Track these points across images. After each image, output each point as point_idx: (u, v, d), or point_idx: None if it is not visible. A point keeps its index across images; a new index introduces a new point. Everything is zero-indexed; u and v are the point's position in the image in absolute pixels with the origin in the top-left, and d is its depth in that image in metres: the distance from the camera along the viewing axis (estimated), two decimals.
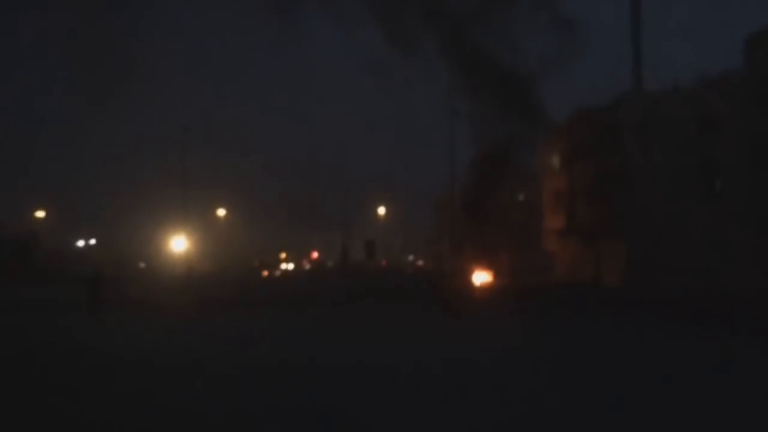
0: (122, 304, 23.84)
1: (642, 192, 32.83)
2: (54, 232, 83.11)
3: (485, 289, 36.13)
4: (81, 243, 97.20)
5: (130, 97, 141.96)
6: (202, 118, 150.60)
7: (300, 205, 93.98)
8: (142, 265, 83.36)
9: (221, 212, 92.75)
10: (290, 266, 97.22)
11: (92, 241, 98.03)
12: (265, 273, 79.92)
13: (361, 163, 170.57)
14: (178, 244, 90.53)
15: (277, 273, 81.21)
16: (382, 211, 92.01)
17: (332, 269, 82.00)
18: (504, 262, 49.50)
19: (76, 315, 20.59)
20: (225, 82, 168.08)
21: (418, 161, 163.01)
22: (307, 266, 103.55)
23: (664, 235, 34.72)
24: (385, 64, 63.67)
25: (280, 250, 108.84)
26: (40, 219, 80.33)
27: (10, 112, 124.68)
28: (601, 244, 43.15)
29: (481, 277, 41.19)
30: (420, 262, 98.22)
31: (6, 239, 62.62)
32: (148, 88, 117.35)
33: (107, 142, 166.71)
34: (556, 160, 51.91)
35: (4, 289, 38.55)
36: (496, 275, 44.19)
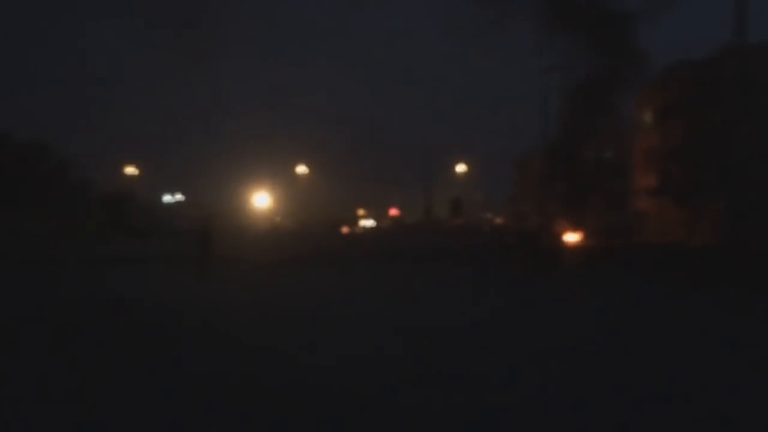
0: (223, 260, 24.92)
1: (743, 149, 31.59)
2: (143, 188, 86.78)
3: (576, 248, 35.77)
4: (168, 198, 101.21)
5: (216, 59, 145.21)
6: (287, 78, 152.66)
7: (381, 163, 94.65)
8: (235, 221, 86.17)
9: (302, 169, 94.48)
10: (370, 222, 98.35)
11: (179, 197, 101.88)
12: (345, 230, 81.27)
13: (445, 124, 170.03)
14: (261, 200, 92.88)
15: (358, 230, 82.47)
16: (462, 168, 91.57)
17: (414, 226, 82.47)
18: (591, 222, 48.69)
19: (187, 270, 21.69)
20: (308, 43, 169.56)
21: (500, 121, 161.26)
22: (387, 223, 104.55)
23: (765, 194, 33.47)
24: (471, 19, 62.36)
25: (359, 207, 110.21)
26: (131, 175, 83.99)
27: (100, 73, 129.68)
28: (696, 205, 41.91)
29: (571, 237, 40.84)
30: (498, 220, 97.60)
31: (101, 195, 65.84)
32: (234, 50, 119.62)
33: (194, 102, 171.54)
34: (649, 116, 50.29)
35: (108, 243, 40.81)
36: (583, 235, 43.68)
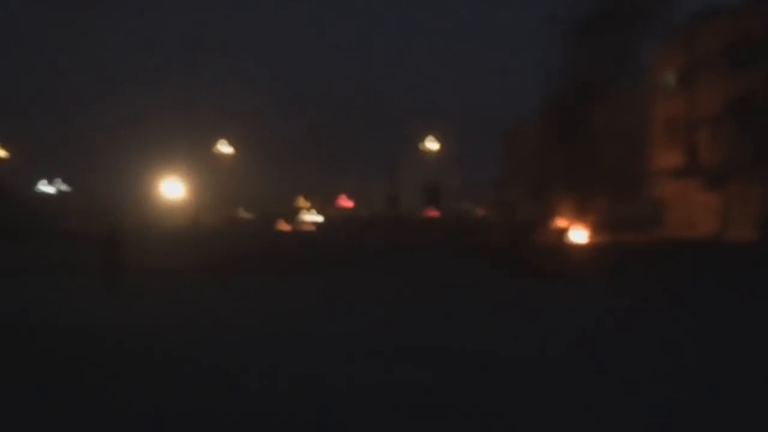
0: (132, 268, 24.98)
1: None
2: (12, 175, 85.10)
3: (583, 250, 36.52)
4: (46, 187, 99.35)
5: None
6: (211, 25, 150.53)
7: (329, 138, 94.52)
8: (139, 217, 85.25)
9: (226, 147, 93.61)
10: (315, 217, 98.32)
11: (61, 186, 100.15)
12: (283, 226, 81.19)
13: (410, 89, 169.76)
14: (173, 189, 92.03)
15: (302, 226, 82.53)
16: (433, 144, 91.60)
17: (374, 221, 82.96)
18: (600, 212, 49.61)
19: (90, 282, 21.72)
20: None
21: (483, 82, 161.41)
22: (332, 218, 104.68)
23: None
24: None
25: (300, 196, 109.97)
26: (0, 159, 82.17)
27: None
28: (732, 188, 43.06)
29: (578, 235, 41.59)
30: (480, 212, 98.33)
31: None
32: None
33: (80, 59, 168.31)
34: (671, 79, 51.40)
35: None
36: (591, 230, 44.64)
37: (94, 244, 22.65)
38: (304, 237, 61.46)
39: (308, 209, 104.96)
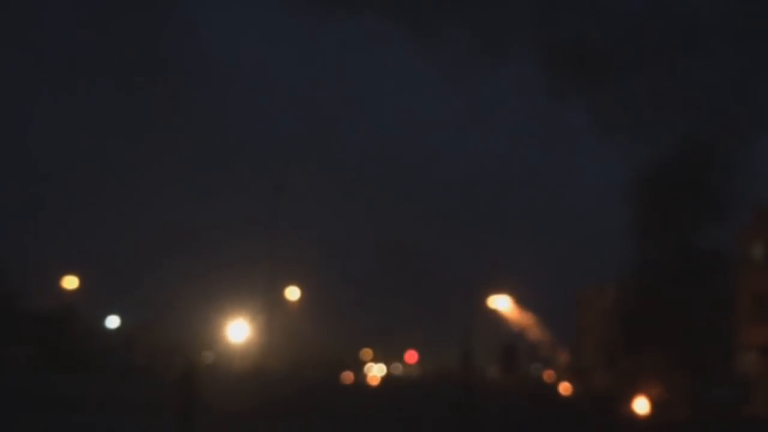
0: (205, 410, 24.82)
1: None
2: (83, 307, 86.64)
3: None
4: (115, 322, 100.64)
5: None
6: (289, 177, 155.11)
7: (396, 288, 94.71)
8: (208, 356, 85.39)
9: (293, 293, 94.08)
10: (381, 372, 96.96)
11: (130, 320, 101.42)
12: (349, 377, 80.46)
13: (481, 246, 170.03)
14: (238, 331, 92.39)
15: (367, 380, 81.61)
16: (503, 303, 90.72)
17: (444, 378, 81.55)
18: (678, 386, 48.08)
19: (165, 421, 21.59)
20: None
21: (553, 243, 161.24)
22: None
23: None
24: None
25: (365, 348, 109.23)
26: (71, 289, 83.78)
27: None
28: None
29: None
30: (550, 376, 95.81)
31: (35, 314, 65.62)
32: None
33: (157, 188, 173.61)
34: (759, 252, 50.71)
35: (49, 379, 40.55)
36: (664, 404, 43.09)
37: (164, 380, 22.65)
38: (369, 392, 60.61)
39: (373, 362, 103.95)
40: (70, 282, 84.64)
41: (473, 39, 36.68)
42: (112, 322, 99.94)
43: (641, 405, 43.59)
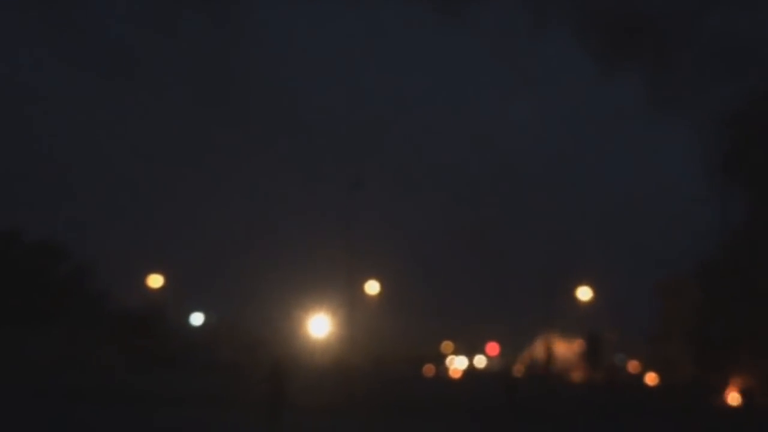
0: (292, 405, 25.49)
1: None
2: (169, 304, 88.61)
3: None
4: (199, 320, 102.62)
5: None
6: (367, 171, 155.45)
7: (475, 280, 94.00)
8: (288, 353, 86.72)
9: (373, 287, 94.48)
10: (463, 364, 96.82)
11: (215, 316, 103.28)
12: (430, 370, 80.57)
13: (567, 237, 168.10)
14: (319, 326, 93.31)
15: (449, 372, 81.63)
16: (586, 294, 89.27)
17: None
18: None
19: (251, 414, 22.26)
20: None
21: (636, 237, 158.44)
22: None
23: None
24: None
25: (446, 340, 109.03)
26: (156, 288, 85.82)
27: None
28: None
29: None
30: (633, 366, 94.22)
31: (122, 314, 67.52)
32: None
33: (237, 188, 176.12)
34: None
35: (140, 375, 41.72)
36: (753, 393, 42.43)
37: (251, 376, 23.29)
38: (451, 384, 60.79)
39: (455, 354, 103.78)
40: (155, 280, 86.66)
41: None
42: (197, 319, 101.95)
43: (733, 396, 43.04)
